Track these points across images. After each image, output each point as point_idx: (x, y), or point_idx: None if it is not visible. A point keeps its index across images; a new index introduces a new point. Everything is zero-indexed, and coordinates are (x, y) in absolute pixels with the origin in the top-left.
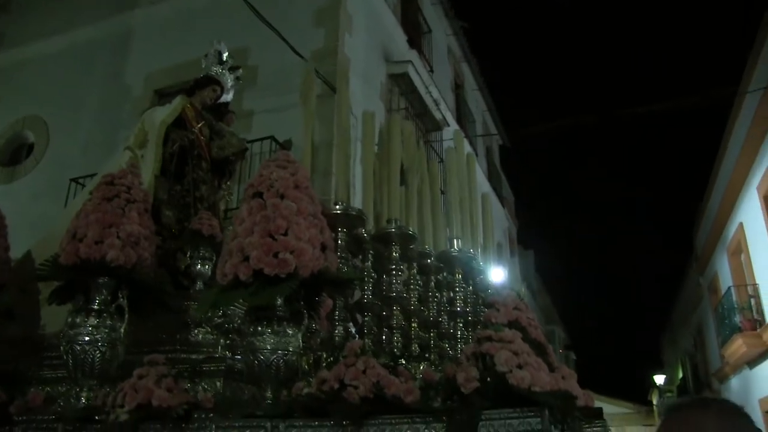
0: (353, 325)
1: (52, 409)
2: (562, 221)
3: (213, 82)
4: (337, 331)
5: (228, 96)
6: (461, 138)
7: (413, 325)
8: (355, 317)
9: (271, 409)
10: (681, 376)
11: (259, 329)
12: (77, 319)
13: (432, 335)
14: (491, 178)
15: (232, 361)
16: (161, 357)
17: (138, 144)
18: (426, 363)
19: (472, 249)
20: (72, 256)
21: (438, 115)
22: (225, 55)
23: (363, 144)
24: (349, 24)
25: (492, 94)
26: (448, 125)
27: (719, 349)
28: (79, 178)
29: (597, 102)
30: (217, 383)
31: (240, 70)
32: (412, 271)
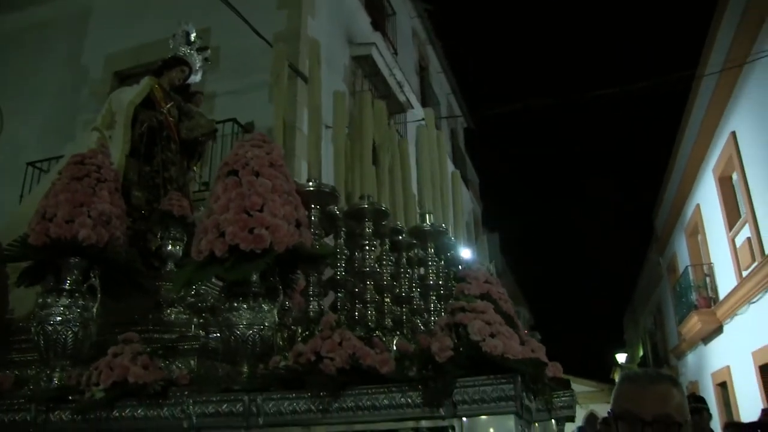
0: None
1: (22, 392)
2: (526, 203)
3: (181, 62)
4: (311, 306)
5: (196, 77)
6: (432, 115)
7: (386, 300)
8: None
9: (248, 383)
10: (642, 354)
11: (235, 305)
12: (48, 300)
13: (404, 311)
14: (456, 160)
15: (206, 340)
16: (135, 335)
17: (105, 125)
18: (400, 336)
19: (443, 224)
20: (42, 236)
21: (402, 98)
22: (193, 36)
23: (334, 123)
24: (311, 6)
25: (456, 76)
26: (413, 107)
27: (677, 327)
28: (36, 162)
29: (560, 85)
30: (191, 362)
31: (208, 51)
32: (384, 247)
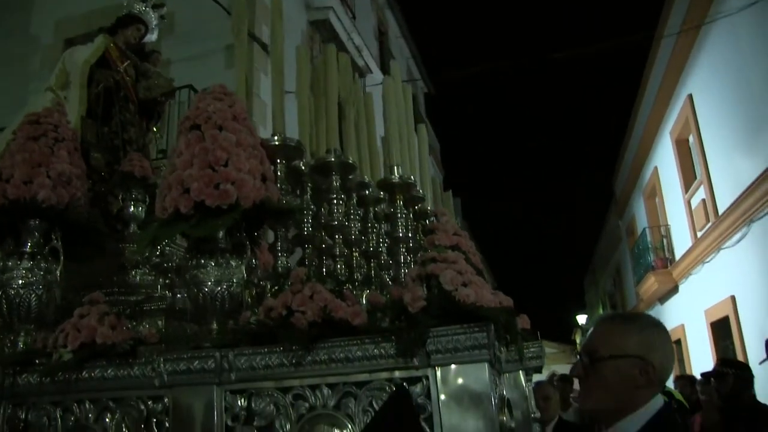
0: None
1: None
2: (487, 168)
3: (136, 20)
4: (279, 262)
5: (152, 36)
6: (398, 69)
7: (355, 254)
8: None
9: (219, 339)
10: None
11: (202, 262)
12: (9, 263)
13: (373, 265)
14: (416, 125)
15: (172, 300)
16: (101, 295)
17: (60, 85)
18: (370, 288)
19: (412, 177)
20: None
21: (361, 62)
22: None
23: (297, 79)
24: None
25: (416, 41)
26: (371, 72)
27: (635, 288)
28: None
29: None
30: (159, 323)
31: (164, 9)
32: (351, 202)
